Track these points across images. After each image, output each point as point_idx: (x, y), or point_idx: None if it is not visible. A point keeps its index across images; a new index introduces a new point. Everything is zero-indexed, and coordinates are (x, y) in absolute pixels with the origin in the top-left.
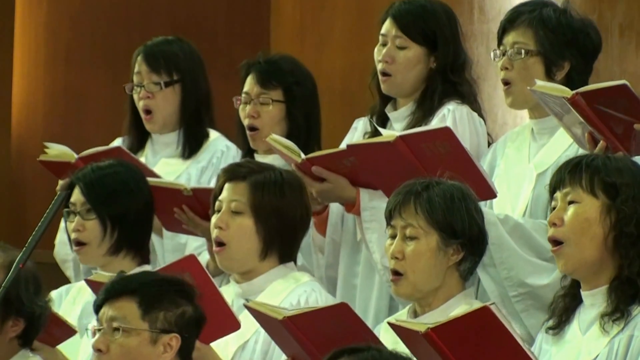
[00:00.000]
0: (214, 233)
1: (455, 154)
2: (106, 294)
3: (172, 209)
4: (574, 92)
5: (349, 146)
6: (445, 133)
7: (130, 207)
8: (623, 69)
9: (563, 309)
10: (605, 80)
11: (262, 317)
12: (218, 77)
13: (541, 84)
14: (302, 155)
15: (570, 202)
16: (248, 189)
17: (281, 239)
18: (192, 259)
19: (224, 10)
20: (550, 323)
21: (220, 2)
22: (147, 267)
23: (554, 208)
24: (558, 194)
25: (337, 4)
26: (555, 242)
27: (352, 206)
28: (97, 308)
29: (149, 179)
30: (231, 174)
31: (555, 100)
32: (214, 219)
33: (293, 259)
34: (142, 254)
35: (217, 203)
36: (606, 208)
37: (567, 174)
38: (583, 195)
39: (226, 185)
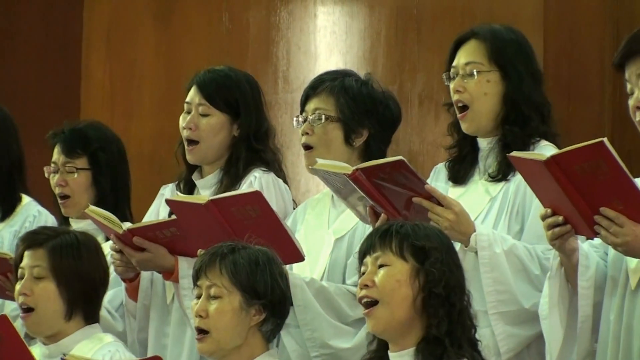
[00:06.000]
0: (20, 299)
1: (265, 218)
2: None
3: None
4: (354, 168)
5: (167, 201)
6: (255, 197)
7: None
8: (422, 137)
9: None
10: (404, 149)
11: None
12: (30, 144)
13: (322, 162)
14: (124, 227)
15: (381, 266)
16: (47, 254)
17: (84, 299)
18: (4, 319)
19: (34, 77)
20: None
21: (30, 69)
22: None
23: (363, 273)
24: (368, 259)
25: (146, 72)
26: (367, 303)
27: (170, 274)
28: None
29: None
30: (29, 241)
31: (336, 178)
32: (17, 286)
33: (97, 319)
34: None
35: (19, 270)
36: (415, 271)
37: (378, 239)
38: (393, 258)
39: (26, 253)
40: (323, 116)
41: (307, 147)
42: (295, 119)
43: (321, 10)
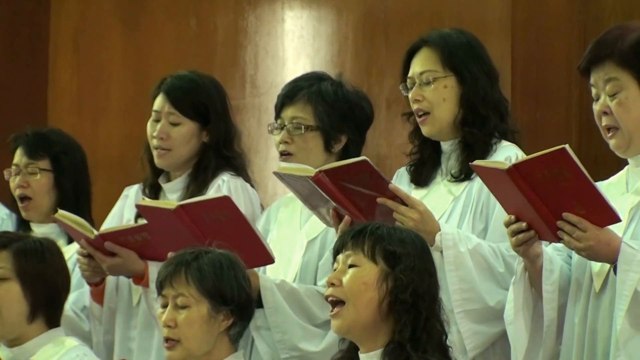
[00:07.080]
0: None
1: (235, 222)
2: None
3: None
4: (317, 170)
5: (137, 205)
6: (225, 202)
7: None
8: (390, 141)
9: None
10: (372, 152)
11: None
12: None
13: (284, 165)
14: (95, 232)
15: (351, 266)
16: (11, 256)
17: (47, 303)
18: None
19: (0, 80)
20: None
21: None
22: None
23: (335, 270)
24: (340, 257)
25: (113, 75)
26: (334, 302)
27: (140, 279)
28: None
29: None
30: None
31: (299, 181)
32: None
33: (59, 323)
34: None
35: None
36: (384, 275)
37: (350, 239)
38: (363, 260)
39: None
40: (302, 126)
41: (287, 155)
42: (270, 125)
43: (289, 14)
